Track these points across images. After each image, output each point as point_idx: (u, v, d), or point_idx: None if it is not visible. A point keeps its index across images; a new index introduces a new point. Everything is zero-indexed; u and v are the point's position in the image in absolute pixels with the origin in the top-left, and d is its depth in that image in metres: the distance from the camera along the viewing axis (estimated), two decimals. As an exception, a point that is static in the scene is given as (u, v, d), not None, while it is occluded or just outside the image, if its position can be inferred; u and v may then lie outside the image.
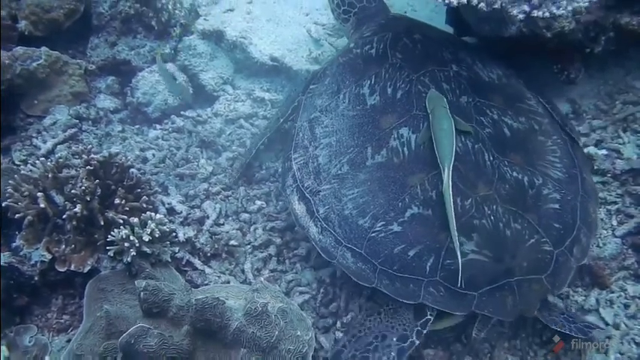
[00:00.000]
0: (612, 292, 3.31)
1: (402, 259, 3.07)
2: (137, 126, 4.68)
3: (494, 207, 3.09)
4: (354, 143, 3.43)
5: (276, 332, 2.81)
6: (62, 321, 3.45)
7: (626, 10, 3.59)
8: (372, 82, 3.61)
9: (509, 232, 3.05)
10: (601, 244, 3.44)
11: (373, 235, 3.16)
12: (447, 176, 3.01)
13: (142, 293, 2.88)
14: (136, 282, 2.98)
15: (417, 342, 3.03)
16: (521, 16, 3.18)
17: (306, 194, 3.46)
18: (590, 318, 3.22)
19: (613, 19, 3.59)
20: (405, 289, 3.06)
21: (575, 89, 4.04)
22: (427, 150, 3.23)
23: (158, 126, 4.64)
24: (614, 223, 3.52)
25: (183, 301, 2.93)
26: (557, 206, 3.21)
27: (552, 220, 3.17)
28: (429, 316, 3.05)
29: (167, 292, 2.94)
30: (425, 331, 3.04)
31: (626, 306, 3.24)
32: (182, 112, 4.65)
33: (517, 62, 3.85)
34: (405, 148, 3.30)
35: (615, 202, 3.59)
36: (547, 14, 3.13)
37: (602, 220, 3.52)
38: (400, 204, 3.16)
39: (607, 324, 3.18)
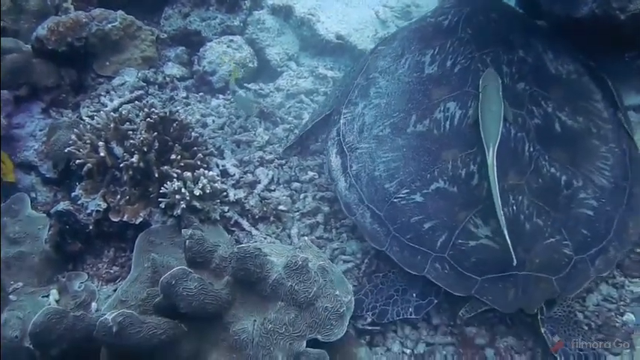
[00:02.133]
0: (672, 285, 3.14)
1: (417, 229, 3.08)
2: (201, 94, 4.76)
3: (520, 197, 3.01)
4: (400, 108, 3.43)
5: (315, 288, 2.78)
6: (112, 271, 3.55)
7: None
8: (435, 53, 3.58)
9: (528, 225, 2.97)
10: (663, 234, 3.24)
11: (395, 200, 3.17)
12: (491, 156, 2.94)
13: (187, 241, 2.90)
14: (182, 230, 3.02)
15: (436, 301, 3.07)
16: (593, -9, 3.05)
17: (345, 149, 3.51)
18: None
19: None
20: (412, 259, 3.07)
21: (648, 81, 3.84)
22: (469, 128, 3.19)
23: (221, 96, 4.71)
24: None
25: (226, 252, 2.94)
26: (590, 213, 3.08)
27: (581, 226, 3.04)
28: None
29: (212, 243, 2.96)
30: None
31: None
32: (245, 84, 4.70)
33: (588, 48, 3.68)
34: (448, 122, 3.27)
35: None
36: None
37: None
38: (428, 175, 3.15)
39: (661, 315, 3.03)
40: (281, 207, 3.71)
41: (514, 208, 2.98)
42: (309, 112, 4.48)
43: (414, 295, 3.12)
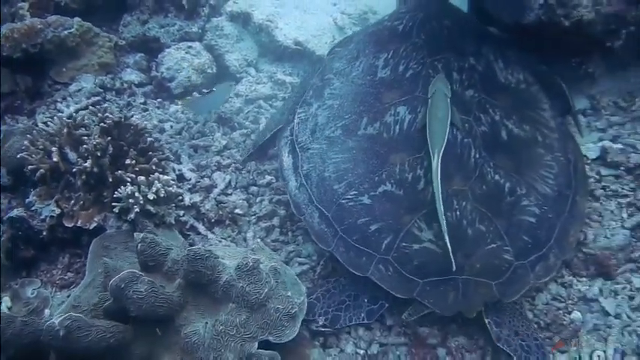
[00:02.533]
0: (617, 284, 3.20)
1: (363, 231, 3.11)
2: (159, 100, 4.76)
3: (464, 203, 3.04)
4: (352, 110, 3.47)
5: (266, 289, 2.79)
6: (66, 278, 3.52)
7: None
8: (389, 57, 3.62)
9: (470, 231, 3.00)
10: (609, 235, 3.30)
11: (343, 201, 3.20)
12: (436, 162, 2.97)
13: (139, 244, 2.88)
14: (135, 234, 3.00)
15: (387, 305, 3.12)
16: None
17: (297, 149, 3.54)
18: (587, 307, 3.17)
19: (635, 13, 3.41)
20: (357, 260, 3.10)
21: (595, 86, 3.93)
22: (417, 133, 3.23)
23: (179, 102, 4.70)
24: (625, 215, 3.39)
25: (178, 255, 2.93)
26: (532, 220, 3.11)
27: (522, 232, 3.08)
28: None
29: (164, 246, 2.94)
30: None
31: (631, 298, 3.13)
32: (204, 90, 4.71)
33: (536, 54, 3.77)
34: (397, 126, 3.30)
35: (627, 195, 3.46)
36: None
37: (612, 212, 3.43)
38: (376, 178, 3.18)
39: (608, 314, 3.08)
40: (237, 210, 3.72)
41: (457, 213, 3.02)
42: (267, 117, 4.50)
43: (366, 300, 3.15)
